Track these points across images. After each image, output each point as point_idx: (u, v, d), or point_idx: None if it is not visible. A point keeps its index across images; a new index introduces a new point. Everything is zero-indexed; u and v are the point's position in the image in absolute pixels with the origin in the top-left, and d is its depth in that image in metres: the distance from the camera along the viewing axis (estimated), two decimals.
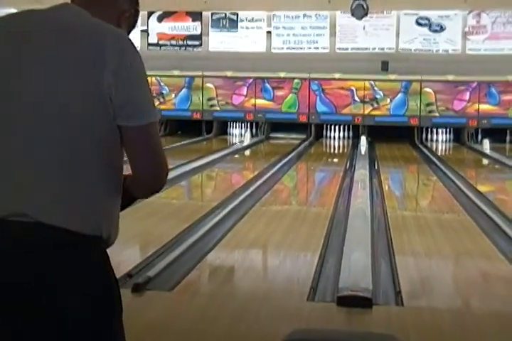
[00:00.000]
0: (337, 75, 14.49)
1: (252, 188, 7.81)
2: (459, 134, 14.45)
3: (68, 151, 1.63)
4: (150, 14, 14.91)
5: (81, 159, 1.64)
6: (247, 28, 14.85)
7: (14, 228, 1.61)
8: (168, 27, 15.10)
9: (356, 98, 14.52)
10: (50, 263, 1.60)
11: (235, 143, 14.17)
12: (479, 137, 14.19)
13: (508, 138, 14.30)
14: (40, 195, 1.63)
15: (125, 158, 1.75)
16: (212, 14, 14.83)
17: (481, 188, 8.35)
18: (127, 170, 1.76)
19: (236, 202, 6.86)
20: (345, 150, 13.66)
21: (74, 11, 1.75)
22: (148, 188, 1.79)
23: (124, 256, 4.52)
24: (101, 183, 1.69)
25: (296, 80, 14.69)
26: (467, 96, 14.21)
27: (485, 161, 12.15)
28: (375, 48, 14.37)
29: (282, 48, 14.73)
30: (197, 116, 15.02)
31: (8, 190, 1.64)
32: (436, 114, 14.29)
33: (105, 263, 1.69)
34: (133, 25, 1.91)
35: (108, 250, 1.74)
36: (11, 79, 1.66)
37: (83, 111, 1.63)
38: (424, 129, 14.54)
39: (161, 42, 15.17)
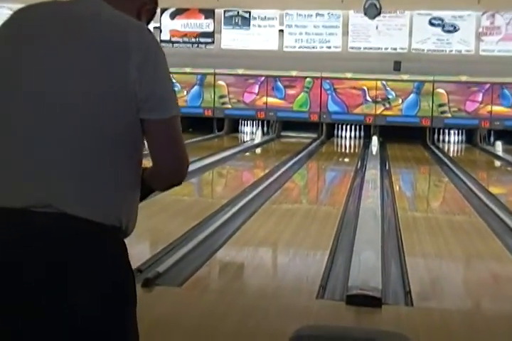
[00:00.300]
0: (349, 75, 14.45)
1: (262, 186, 7.80)
2: (471, 135, 14.38)
3: (90, 142, 1.64)
4: (163, 11, 14.92)
5: (103, 150, 1.65)
6: (259, 26, 14.84)
7: (39, 219, 1.61)
8: (180, 24, 15.12)
9: (368, 98, 14.47)
10: (73, 252, 1.61)
11: (246, 141, 14.16)
12: (492, 139, 14.11)
13: None
14: (64, 186, 1.63)
15: (145, 152, 1.75)
16: (224, 12, 14.83)
17: (493, 190, 8.31)
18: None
19: (246, 200, 6.85)
20: (357, 150, 13.63)
21: (96, 4, 1.74)
22: (169, 181, 1.80)
23: (133, 252, 4.46)
24: (122, 175, 1.70)
25: (307, 79, 14.66)
26: (480, 97, 14.13)
27: (497, 163, 12.09)
28: (387, 48, 14.33)
29: (294, 47, 14.71)
30: (208, 113, 15.02)
31: (30, 179, 1.64)
32: (449, 115, 14.22)
33: (123, 254, 1.71)
34: (151, 18, 1.92)
35: None
36: (34, 74, 1.66)
37: (107, 103, 1.64)
38: (436, 130, 14.48)
39: (173, 39, 15.18)
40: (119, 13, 1.72)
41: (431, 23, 14.22)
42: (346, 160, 12.64)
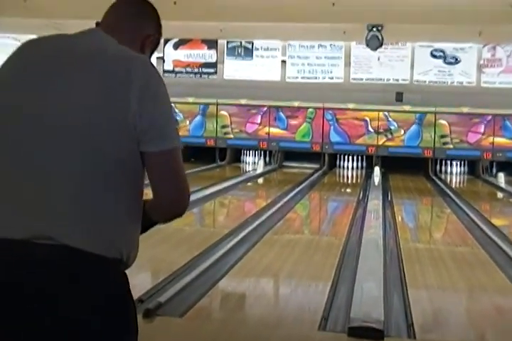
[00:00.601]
0: (351, 105, 14.53)
1: (264, 216, 7.79)
2: (473, 167, 14.39)
3: (91, 175, 1.64)
4: (166, 41, 15.04)
5: (104, 183, 1.66)
6: (262, 56, 14.95)
7: (40, 250, 1.61)
8: (183, 54, 15.23)
9: (370, 128, 14.52)
10: (74, 282, 1.61)
11: (248, 171, 14.18)
12: (494, 170, 14.12)
13: None
14: (65, 219, 1.63)
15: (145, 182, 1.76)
16: (227, 42, 14.95)
17: (496, 222, 8.27)
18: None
19: (248, 230, 6.84)
20: (359, 180, 13.62)
21: (101, 38, 1.78)
22: (170, 213, 1.79)
23: (135, 282, 4.45)
24: (123, 207, 1.70)
25: (310, 109, 14.74)
26: (482, 128, 14.18)
27: (500, 195, 12.07)
28: (389, 79, 14.41)
29: (297, 77, 14.79)
30: (211, 143, 15.07)
31: (31, 211, 1.64)
32: (451, 146, 14.25)
33: (125, 284, 1.71)
34: (155, 49, 1.95)
35: None
36: (38, 102, 1.68)
37: (107, 135, 1.65)
38: (438, 161, 14.50)
39: (176, 69, 15.28)
40: (124, 48, 1.75)
41: (432, 55, 14.32)
42: (348, 190, 12.63)
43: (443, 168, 14.49)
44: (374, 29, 12.06)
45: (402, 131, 14.41)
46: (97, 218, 1.65)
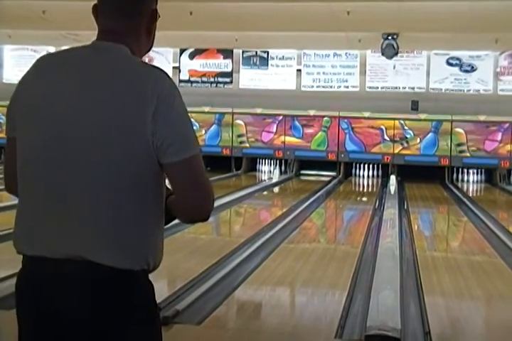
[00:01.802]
0: (367, 114, 14.52)
1: (280, 225, 7.80)
2: (490, 175, 14.32)
3: (113, 190, 1.68)
4: (182, 51, 15.14)
5: (127, 201, 1.69)
6: (277, 65, 14.99)
7: (71, 269, 1.68)
8: (199, 64, 15.30)
9: (386, 137, 14.50)
10: (104, 297, 1.68)
11: (264, 180, 14.18)
12: None
13: None
14: (94, 239, 1.68)
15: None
16: (243, 52, 15.01)
17: None
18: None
19: (264, 239, 6.84)
20: (375, 189, 13.59)
21: (116, 52, 1.78)
22: (195, 218, 1.81)
23: None
24: (146, 219, 1.73)
25: (325, 118, 14.74)
26: (499, 136, 14.12)
27: None
28: (405, 87, 14.39)
29: (312, 86, 14.82)
30: (226, 152, 15.11)
31: (64, 233, 1.70)
32: (468, 154, 14.20)
33: (151, 295, 1.77)
34: (156, 21, 1.90)
35: None
36: (62, 117, 1.72)
37: (126, 152, 1.68)
38: (454, 169, 14.45)
39: (192, 79, 15.35)
40: (140, 63, 1.76)
41: (448, 63, 14.30)
42: (364, 199, 12.60)
43: (460, 176, 14.43)
44: (389, 37, 12.09)
45: (418, 140, 14.37)
46: (124, 235, 1.70)
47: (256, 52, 15.01)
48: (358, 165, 14.77)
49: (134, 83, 1.69)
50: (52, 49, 15.31)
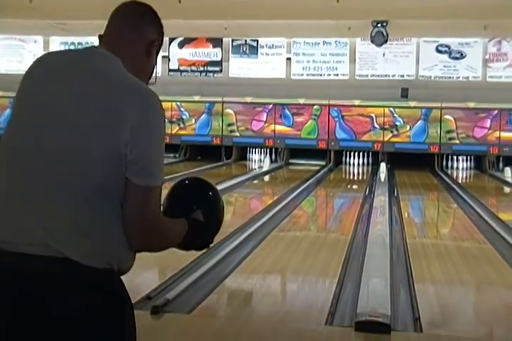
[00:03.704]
0: (357, 102, 14.52)
1: (270, 213, 7.81)
2: (479, 162, 14.38)
3: (83, 198, 1.70)
4: (171, 40, 15.06)
5: (94, 198, 1.70)
6: (267, 54, 14.95)
7: (35, 262, 1.68)
8: (188, 53, 15.25)
9: (376, 125, 14.52)
10: (67, 293, 1.68)
11: (254, 169, 14.19)
12: (501, 165, 14.08)
13: None
14: (61, 229, 1.69)
15: None
16: (232, 40, 14.96)
17: (503, 216, 8.26)
18: None
19: (255, 227, 6.86)
20: (365, 176, 13.62)
21: (107, 61, 1.81)
22: (134, 245, 1.77)
23: (143, 279, 4.52)
24: (112, 220, 1.72)
25: (315, 107, 14.74)
26: (488, 123, 14.16)
27: (506, 189, 12.05)
28: (394, 75, 14.40)
29: (302, 75, 14.79)
30: (217, 141, 15.09)
31: (30, 223, 1.71)
32: (457, 142, 14.24)
33: (120, 293, 1.76)
34: (159, 50, 1.98)
35: (127, 273, 1.81)
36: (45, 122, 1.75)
37: (100, 158, 1.69)
38: (444, 156, 14.50)
39: (181, 68, 15.30)
40: (129, 77, 1.78)
41: (438, 50, 14.30)
42: (354, 187, 12.64)
43: (449, 163, 14.48)
44: (379, 25, 12.07)
45: (408, 127, 14.40)
46: (90, 231, 1.70)
47: (245, 41, 14.96)
48: (348, 153, 14.79)
49: (122, 98, 1.72)
50: (39, 38, 15.24)
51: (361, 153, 14.75)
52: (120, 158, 1.69)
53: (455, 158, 14.51)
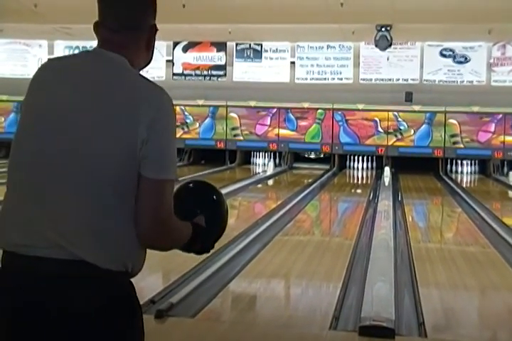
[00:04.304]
0: (361, 106, 14.53)
1: (274, 218, 7.81)
2: (484, 166, 14.36)
3: (97, 198, 1.70)
4: (175, 44, 15.09)
5: (109, 201, 1.70)
6: (271, 58, 14.96)
7: (48, 266, 1.68)
8: (193, 57, 15.26)
9: (380, 129, 14.52)
10: (81, 295, 1.68)
11: (258, 173, 14.19)
12: (505, 169, 14.07)
13: None
14: (75, 232, 1.69)
15: None
16: (236, 44, 14.97)
17: (507, 221, 8.24)
18: None
19: (259, 232, 6.85)
20: (369, 181, 13.61)
21: (117, 64, 1.80)
22: (145, 240, 1.77)
23: (147, 283, 4.52)
24: (126, 220, 1.73)
25: (319, 111, 14.75)
26: (492, 127, 14.15)
27: (511, 194, 12.03)
28: (398, 79, 14.38)
29: (306, 79, 14.79)
30: (221, 145, 15.10)
31: (43, 224, 1.71)
32: (461, 146, 14.23)
33: (130, 295, 1.77)
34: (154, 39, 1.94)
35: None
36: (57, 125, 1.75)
37: (114, 158, 1.70)
38: (448, 161, 14.48)
39: (185, 72, 15.31)
40: (141, 79, 1.79)
41: (442, 54, 14.29)
42: (358, 191, 12.62)
43: (453, 167, 14.46)
44: (383, 29, 12.07)
45: (412, 131, 14.39)
46: (104, 233, 1.70)
47: (249, 45, 14.97)
48: (352, 157, 14.79)
49: (134, 97, 1.73)
50: (44, 43, 15.27)
51: (365, 157, 14.74)
52: (134, 157, 1.70)
53: (459, 162, 14.49)
